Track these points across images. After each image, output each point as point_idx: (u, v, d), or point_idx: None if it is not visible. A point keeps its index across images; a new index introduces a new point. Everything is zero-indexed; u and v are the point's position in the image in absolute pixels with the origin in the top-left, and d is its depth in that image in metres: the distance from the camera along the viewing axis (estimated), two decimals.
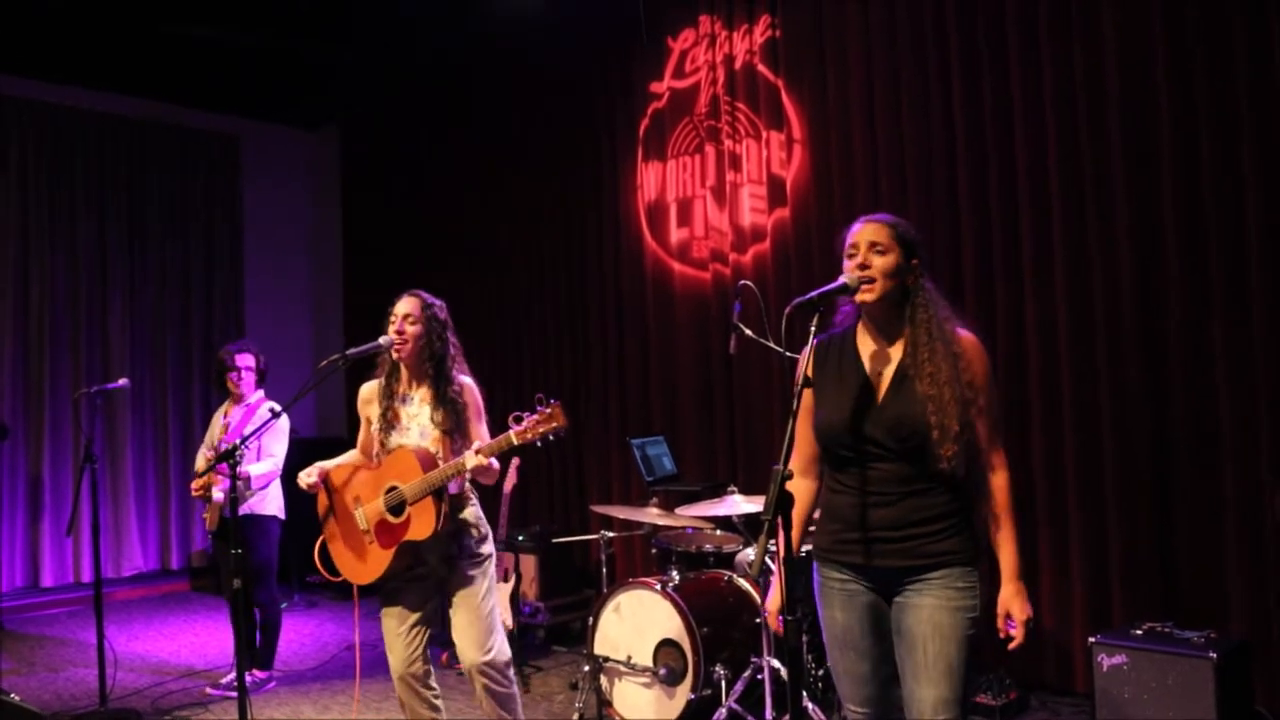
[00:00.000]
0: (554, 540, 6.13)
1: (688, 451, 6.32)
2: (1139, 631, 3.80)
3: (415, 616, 3.47)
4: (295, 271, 9.89)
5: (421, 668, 3.47)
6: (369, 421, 3.58)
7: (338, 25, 7.42)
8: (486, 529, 3.56)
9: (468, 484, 3.51)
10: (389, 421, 3.49)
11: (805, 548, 3.13)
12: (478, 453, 3.19)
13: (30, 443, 7.99)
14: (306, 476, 3.52)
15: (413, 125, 8.73)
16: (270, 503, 5.24)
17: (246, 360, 5.27)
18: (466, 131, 8.16)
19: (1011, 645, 2.44)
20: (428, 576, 3.48)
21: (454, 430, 3.42)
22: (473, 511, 3.51)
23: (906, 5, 5.21)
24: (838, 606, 2.54)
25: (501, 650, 3.47)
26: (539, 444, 3.14)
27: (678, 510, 4.66)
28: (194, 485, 5.05)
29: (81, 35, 7.40)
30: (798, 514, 2.62)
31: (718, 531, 4.89)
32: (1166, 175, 4.29)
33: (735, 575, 4.54)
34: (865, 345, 2.54)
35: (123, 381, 5.37)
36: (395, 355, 3.47)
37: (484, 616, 3.43)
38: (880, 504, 2.43)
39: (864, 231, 2.47)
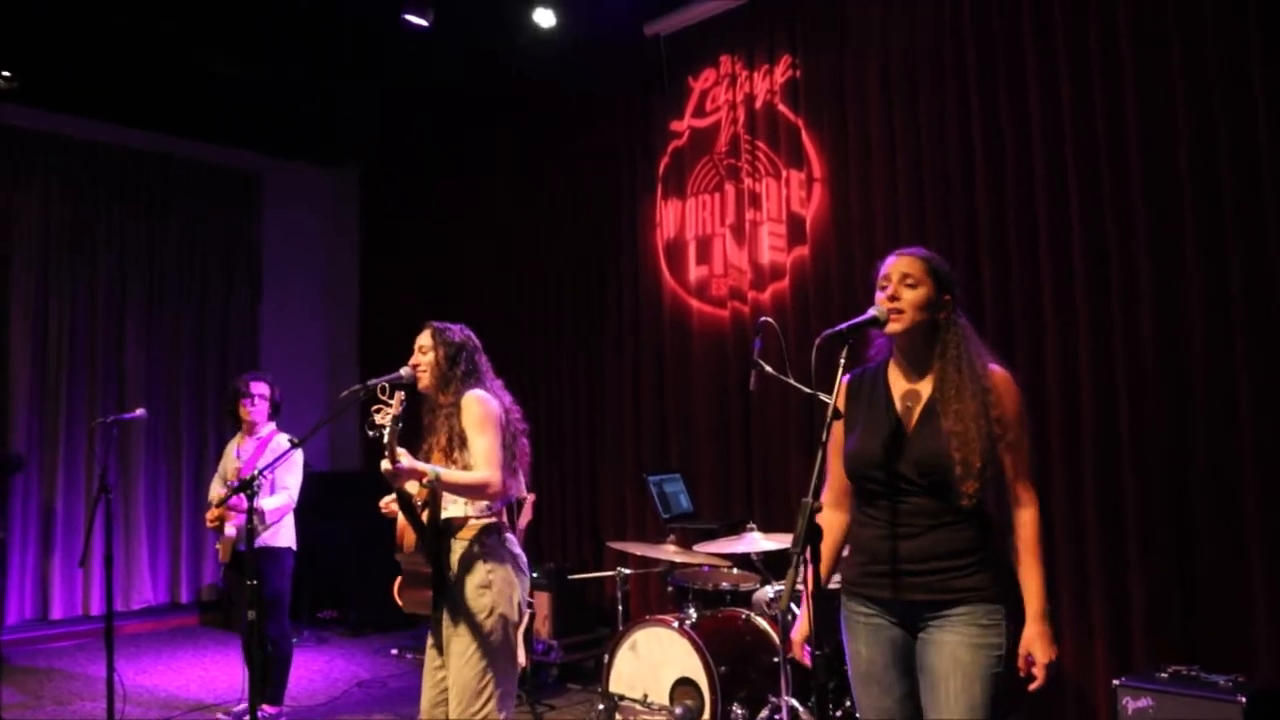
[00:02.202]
0: (569, 577, 6.08)
1: (704, 489, 6.28)
2: (1164, 674, 3.74)
3: (441, 660, 3.31)
4: (312, 307, 9.92)
5: (444, 712, 3.27)
6: None
7: (359, 62, 7.50)
8: (490, 579, 3.24)
9: (474, 512, 3.28)
10: (424, 456, 3.36)
11: (834, 580, 3.08)
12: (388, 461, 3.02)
13: (44, 474, 7.98)
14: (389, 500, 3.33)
15: (432, 162, 8.80)
16: (284, 535, 5.19)
17: (261, 388, 5.23)
18: (486, 168, 8.21)
19: (1032, 686, 2.41)
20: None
21: (450, 446, 3.28)
22: (466, 548, 3.25)
23: (926, 45, 5.25)
24: (862, 640, 2.52)
25: (489, 717, 3.19)
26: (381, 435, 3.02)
27: (695, 547, 4.62)
28: (209, 516, 5.01)
29: (105, 70, 7.48)
30: (829, 546, 2.62)
31: (734, 570, 4.85)
32: (1188, 205, 4.26)
33: (753, 614, 4.48)
34: (896, 379, 2.55)
35: (140, 411, 5.30)
36: (420, 388, 3.43)
37: (467, 678, 3.17)
38: (906, 536, 2.43)
39: (897, 264, 2.50)
